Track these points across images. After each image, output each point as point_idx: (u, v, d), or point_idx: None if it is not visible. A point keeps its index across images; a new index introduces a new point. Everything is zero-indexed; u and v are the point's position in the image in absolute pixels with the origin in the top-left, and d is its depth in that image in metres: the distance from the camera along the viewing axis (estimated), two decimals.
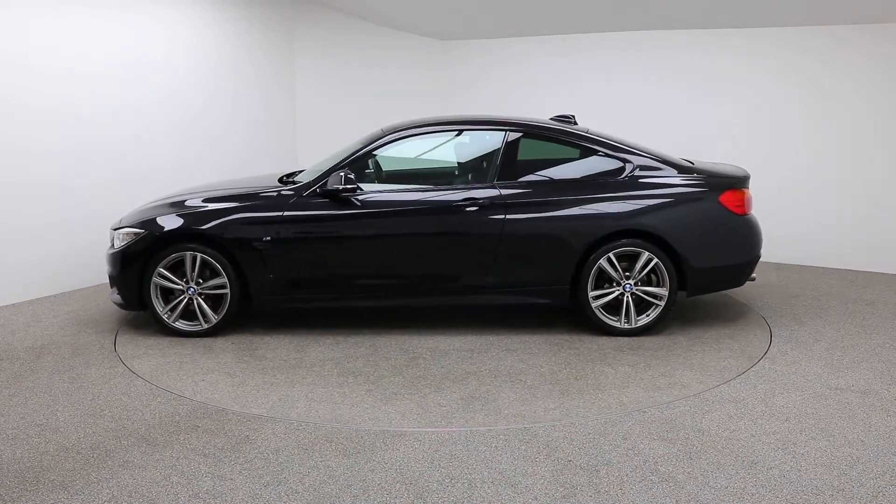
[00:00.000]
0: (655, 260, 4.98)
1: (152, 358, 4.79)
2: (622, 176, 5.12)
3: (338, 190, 4.99)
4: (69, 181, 6.26)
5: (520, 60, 8.92)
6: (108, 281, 5.52)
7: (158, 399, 4.07)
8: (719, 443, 3.50)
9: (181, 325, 5.13)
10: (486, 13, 8.34)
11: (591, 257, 5.01)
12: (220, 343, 5.07)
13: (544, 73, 8.76)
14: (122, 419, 3.80)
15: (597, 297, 5.06)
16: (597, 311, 5.08)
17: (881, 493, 3.03)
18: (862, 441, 3.51)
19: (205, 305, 5.10)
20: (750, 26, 7.50)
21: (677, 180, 5.12)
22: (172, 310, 5.11)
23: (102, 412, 3.89)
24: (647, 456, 3.36)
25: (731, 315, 5.64)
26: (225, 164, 7.56)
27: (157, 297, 5.11)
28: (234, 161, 7.68)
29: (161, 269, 5.05)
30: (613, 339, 5.05)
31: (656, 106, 8.06)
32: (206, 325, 5.12)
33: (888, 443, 3.49)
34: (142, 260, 5.07)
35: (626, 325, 5.08)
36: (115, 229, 5.30)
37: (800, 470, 3.23)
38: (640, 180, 5.10)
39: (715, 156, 6.94)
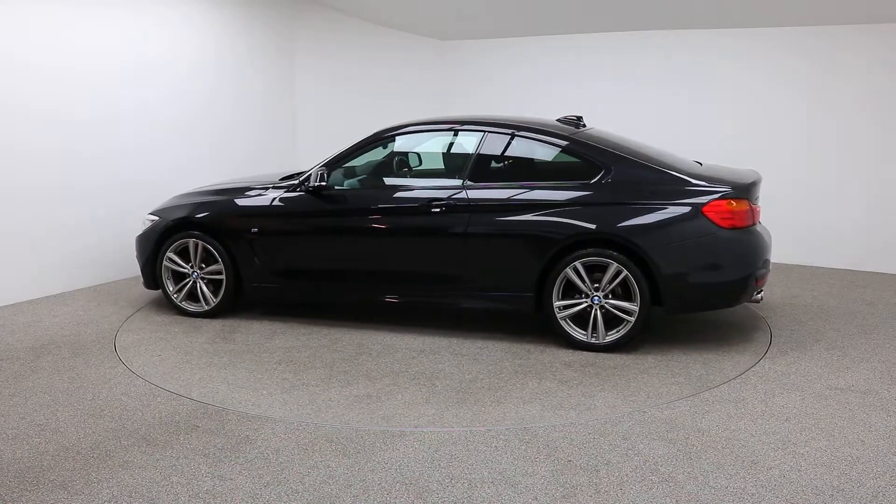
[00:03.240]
0: (625, 272, 4.63)
1: (137, 334, 5.25)
2: (597, 180, 4.79)
3: (313, 187, 5.23)
4: (69, 182, 6.26)
5: (520, 60, 8.92)
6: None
7: (158, 399, 4.07)
8: (719, 443, 3.50)
9: (186, 305, 5.61)
10: (486, 13, 8.34)
11: (558, 265, 4.74)
12: (212, 325, 5.45)
13: (544, 72, 8.76)
14: (122, 419, 3.80)
15: (564, 308, 4.78)
16: (563, 322, 4.79)
17: (881, 493, 3.03)
18: (862, 441, 3.51)
19: (206, 289, 5.55)
20: (751, 26, 7.50)
21: (658, 187, 4.70)
22: (180, 291, 5.61)
23: (102, 412, 3.89)
24: (647, 456, 3.36)
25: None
26: (226, 163, 7.55)
27: (169, 279, 5.62)
28: (234, 161, 7.67)
29: (170, 254, 5.56)
30: (576, 353, 4.75)
31: (657, 106, 8.06)
32: (206, 308, 5.55)
33: (888, 443, 3.49)
34: (155, 244, 5.59)
35: (594, 340, 4.75)
36: (148, 214, 5.84)
37: (800, 470, 3.23)
38: (617, 185, 4.74)
39: (714, 157, 6.94)
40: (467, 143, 5.28)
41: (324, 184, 5.21)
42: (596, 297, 4.71)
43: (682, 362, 4.60)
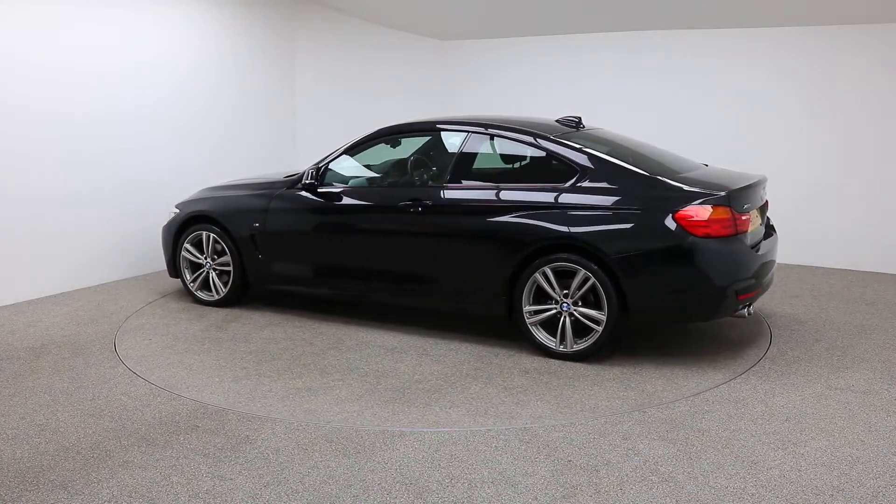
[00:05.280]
0: (592, 279, 4.44)
1: (147, 318, 5.65)
2: (572, 183, 4.61)
3: (304, 185, 5.42)
4: (69, 182, 6.25)
5: (520, 60, 8.91)
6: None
7: (158, 399, 4.07)
8: (719, 443, 3.50)
9: (200, 294, 5.94)
10: (486, 13, 8.34)
11: (528, 269, 4.61)
12: (217, 313, 5.75)
13: (545, 72, 8.76)
14: (122, 419, 3.80)
15: (534, 314, 4.64)
16: (532, 329, 4.66)
17: (881, 493, 3.03)
18: (862, 441, 3.51)
19: (217, 280, 5.85)
20: (750, 26, 7.50)
21: (634, 191, 4.48)
22: (195, 280, 5.92)
23: (102, 412, 3.90)
24: (647, 456, 3.36)
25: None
26: (226, 163, 7.55)
27: (187, 268, 5.96)
28: (235, 161, 7.66)
29: (187, 245, 5.89)
30: (543, 360, 4.62)
31: (656, 106, 8.05)
32: (216, 297, 5.86)
33: (888, 443, 3.49)
34: (175, 235, 5.94)
35: (562, 348, 4.59)
36: (174, 206, 6.18)
37: (800, 470, 3.23)
38: (591, 189, 4.55)
39: (714, 157, 6.94)
40: (454, 144, 5.28)
41: (314, 182, 5.38)
42: (565, 304, 4.55)
43: (645, 376, 4.37)
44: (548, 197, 4.65)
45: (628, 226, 4.42)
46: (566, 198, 4.60)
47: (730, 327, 5.31)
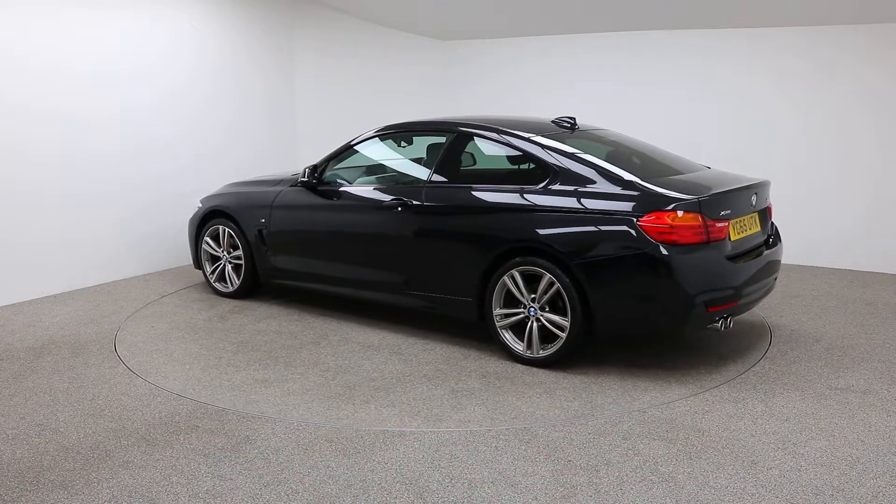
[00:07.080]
0: (557, 284, 4.32)
1: (165, 307, 5.94)
2: (544, 185, 4.51)
3: (301, 183, 5.58)
4: (70, 183, 6.25)
5: (520, 60, 8.92)
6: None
7: (158, 399, 4.07)
8: (719, 443, 3.50)
9: (217, 285, 6.21)
10: (486, 13, 8.34)
11: (497, 272, 4.54)
12: (227, 304, 5.99)
13: (544, 73, 8.76)
14: (122, 419, 3.81)
15: (504, 317, 4.57)
16: (502, 332, 4.58)
17: (881, 493, 3.03)
18: (862, 441, 3.51)
19: (232, 272, 6.10)
20: (751, 27, 7.50)
21: (602, 194, 4.32)
22: (214, 272, 6.20)
23: (102, 412, 3.90)
24: (647, 456, 3.37)
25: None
26: (228, 164, 7.55)
27: (207, 261, 6.23)
28: (237, 161, 7.66)
29: (206, 238, 6.16)
30: (510, 365, 4.54)
31: (656, 106, 8.05)
32: (231, 289, 6.11)
33: (888, 443, 3.49)
34: (197, 229, 6.23)
35: (529, 354, 4.49)
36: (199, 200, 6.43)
37: (800, 470, 3.23)
38: (561, 191, 4.42)
39: (714, 157, 6.94)
40: (440, 143, 5.27)
41: (311, 180, 5.50)
42: (532, 309, 4.45)
43: (602, 386, 4.20)
44: (519, 199, 4.57)
45: (593, 229, 4.25)
46: (536, 199, 4.50)
47: (728, 329, 5.29)
